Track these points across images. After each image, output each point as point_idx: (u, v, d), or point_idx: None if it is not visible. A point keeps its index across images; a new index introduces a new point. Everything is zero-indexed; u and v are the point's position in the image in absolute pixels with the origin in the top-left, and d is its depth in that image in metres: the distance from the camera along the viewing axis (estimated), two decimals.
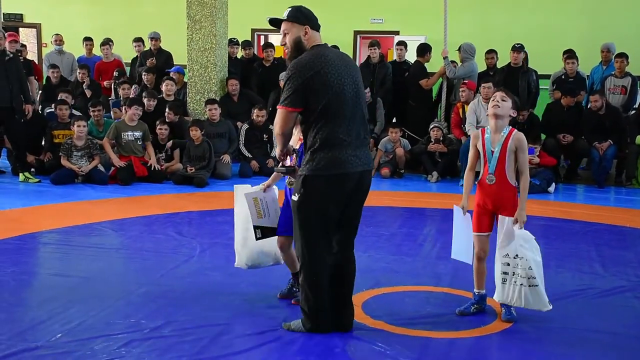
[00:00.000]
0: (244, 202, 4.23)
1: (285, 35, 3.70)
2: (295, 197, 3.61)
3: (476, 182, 4.13)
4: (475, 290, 4.19)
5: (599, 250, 5.77)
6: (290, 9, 3.70)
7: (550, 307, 3.96)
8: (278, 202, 4.27)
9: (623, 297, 4.57)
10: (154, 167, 8.71)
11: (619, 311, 4.30)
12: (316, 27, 3.75)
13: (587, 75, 10.34)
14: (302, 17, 3.67)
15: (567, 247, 5.90)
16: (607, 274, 5.10)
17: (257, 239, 4.23)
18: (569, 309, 4.29)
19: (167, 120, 9.34)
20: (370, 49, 10.78)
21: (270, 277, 4.68)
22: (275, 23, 3.77)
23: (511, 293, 3.96)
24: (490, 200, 4.04)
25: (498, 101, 4.02)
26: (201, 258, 5.30)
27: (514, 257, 3.93)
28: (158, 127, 9.00)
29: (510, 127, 4.05)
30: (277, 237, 4.18)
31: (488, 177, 4.04)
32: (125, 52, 12.06)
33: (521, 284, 3.93)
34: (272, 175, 4.28)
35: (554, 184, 8.57)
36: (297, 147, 3.90)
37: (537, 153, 8.56)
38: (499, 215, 4.02)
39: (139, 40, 11.71)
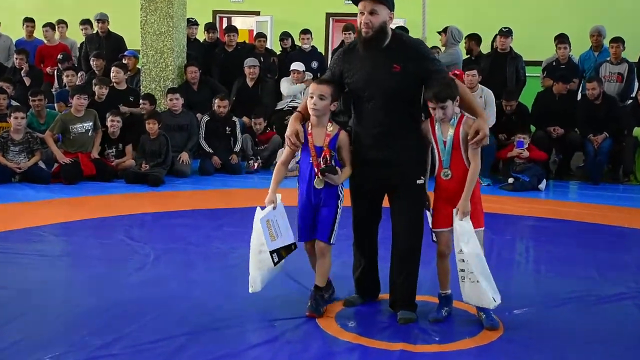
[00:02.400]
0: (257, 227, 4.18)
1: (372, 14, 3.92)
2: (421, 181, 4.06)
3: (433, 176, 4.12)
4: (440, 291, 4.21)
5: (594, 254, 5.79)
6: None
7: (497, 303, 3.97)
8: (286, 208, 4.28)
9: (621, 306, 4.58)
10: (94, 156, 8.59)
11: (616, 321, 4.31)
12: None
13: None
14: (392, 2, 3.99)
15: (559, 250, 5.92)
16: (603, 279, 5.11)
17: (275, 263, 4.21)
18: (562, 319, 4.29)
19: (142, 112, 9.25)
20: (345, 34, 10.76)
21: (233, 287, 4.62)
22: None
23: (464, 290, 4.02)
24: (450, 196, 4.02)
25: None
26: (155, 265, 5.22)
27: (459, 252, 3.95)
28: (109, 119, 8.87)
29: (461, 113, 4.04)
30: (303, 243, 4.27)
31: (443, 173, 4.03)
32: (79, 36, 11.90)
33: (467, 279, 3.97)
34: (274, 177, 4.26)
35: (544, 180, 8.62)
36: (327, 144, 4.08)
37: (526, 146, 8.59)
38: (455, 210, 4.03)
39: (85, 22, 11.55)
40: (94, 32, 11.30)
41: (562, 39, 10.02)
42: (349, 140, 4.14)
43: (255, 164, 9.23)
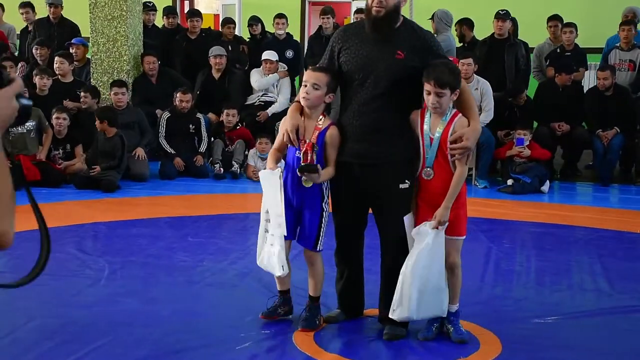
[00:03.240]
0: (271, 187, 4.15)
1: None
2: (406, 185, 4.06)
3: (415, 176, 4.15)
4: None
5: (603, 263, 5.88)
6: None
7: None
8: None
9: (633, 320, 4.66)
10: (39, 157, 8.57)
11: (628, 336, 4.39)
12: None
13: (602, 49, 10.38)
14: None
15: (565, 258, 6.01)
16: (614, 291, 5.19)
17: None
18: (568, 334, 4.36)
19: (83, 106, 9.21)
20: (323, 18, 10.83)
21: (199, 304, 4.65)
22: None
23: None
24: (431, 198, 4.07)
25: None
26: (111, 281, 5.23)
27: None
28: (55, 116, 8.85)
29: (455, 110, 4.09)
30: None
31: (425, 172, 4.06)
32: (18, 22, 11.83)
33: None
34: (270, 157, 4.29)
35: (548, 181, 8.70)
36: (314, 138, 4.10)
37: (527, 144, 8.65)
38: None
39: (26, 5, 11.48)
40: (45, 17, 11.21)
41: (568, 23, 10.07)
42: (339, 137, 4.17)
43: (222, 169, 9.17)
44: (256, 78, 10.32)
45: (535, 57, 10.41)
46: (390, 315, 4.08)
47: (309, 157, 4.12)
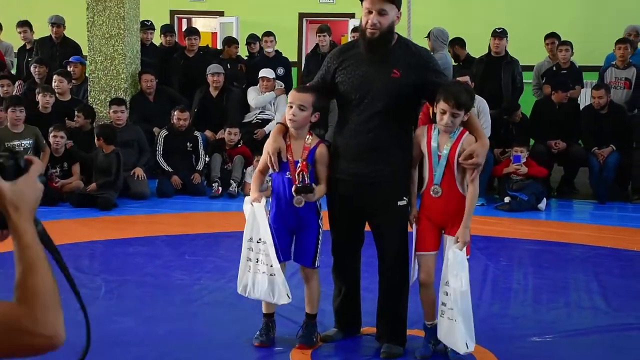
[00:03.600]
0: (259, 217, 4.16)
1: (381, 14, 3.97)
2: (404, 202, 4.10)
3: (420, 193, 4.17)
4: (425, 321, 4.23)
5: (600, 280, 5.88)
6: None
7: (468, 350, 3.95)
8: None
9: (630, 338, 4.67)
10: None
11: (625, 354, 4.38)
12: None
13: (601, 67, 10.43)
14: (399, 1, 4.04)
15: (562, 276, 6.01)
16: (611, 309, 5.19)
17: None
18: (565, 353, 4.36)
19: (76, 125, 9.20)
20: (319, 36, 10.85)
21: (196, 324, 4.63)
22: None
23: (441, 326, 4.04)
24: (437, 216, 4.09)
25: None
26: (107, 300, 5.23)
27: (445, 284, 3.98)
28: (52, 134, 8.84)
29: (462, 127, 4.09)
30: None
31: (433, 189, 4.07)
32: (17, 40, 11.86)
33: (446, 316, 3.98)
34: (254, 183, 4.30)
35: (545, 199, 8.71)
36: (304, 157, 4.12)
37: (524, 161, 8.67)
38: (447, 236, 4.07)
39: (24, 24, 11.52)
40: (47, 36, 11.25)
41: (564, 41, 10.12)
42: (328, 155, 4.19)
43: (220, 188, 9.15)
44: (253, 96, 10.32)
45: (535, 75, 10.47)
46: (464, 353, 4.00)
47: (304, 178, 4.11)
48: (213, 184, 9.18)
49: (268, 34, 11.09)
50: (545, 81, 10.13)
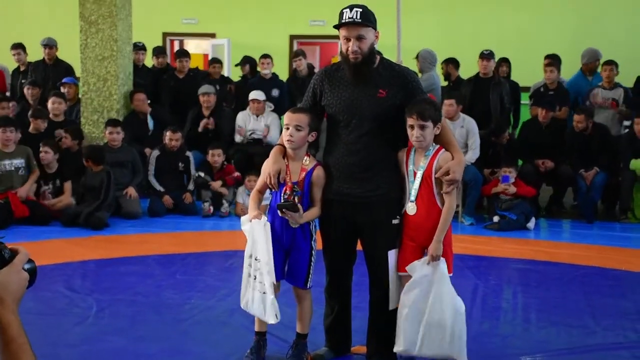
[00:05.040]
0: (256, 235, 4.15)
1: (360, 40, 4.00)
2: (397, 221, 4.10)
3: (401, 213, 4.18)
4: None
5: (589, 299, 5.89)
6: (361, 10, 3.99)
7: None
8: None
9: (619, 357, 4.66)
10: (20, 195, 8.49)
11: None
12: None
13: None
14: (375, 21, 4.08)
15: (550, 295, 6.00)
16: (599, 328, 5.19)
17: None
18: None
19: (63, 146, 9.18)
20: (295, 60, 10.94)
21: (186, 342, 4.61)
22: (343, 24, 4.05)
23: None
24: (418, 234, 4.09)
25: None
26: (99, 319, 5.19)
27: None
28: (41, 149, 8.81)
29: (438, 145, 4.11)
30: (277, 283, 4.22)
31: (408, 207, 4.10)
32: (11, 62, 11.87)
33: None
34: (251, 201, 4.29)
35: (533, 218, 8.72)
36: (302, 179, 4.14)
37: (513, 181, 8.70)
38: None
39: (17, 47, 11.54)
40: (40, 59, 11.28)
41: (550, 62, 10.17)
42: (324, 177, 4.19)
43: (212, 208, 9.13)
44: (241, 119, 10.23)
45: (530, 96, 10.51)
46: (394, 349, 4.07)
47: (288, 196, 4.11)
48: (204, 204, 9.16)
49: (265, 56, 11.10)
50: (533, 102, 10.16)
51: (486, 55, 9.82)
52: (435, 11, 13.34)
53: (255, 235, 4.11)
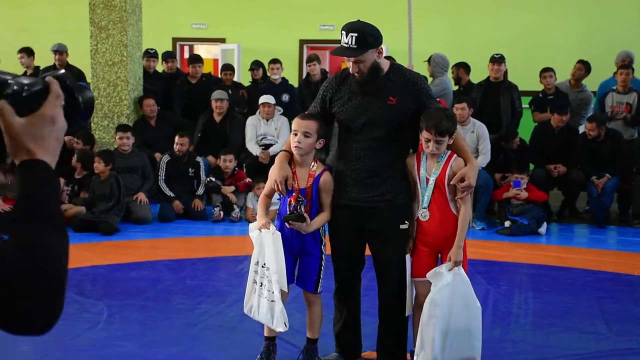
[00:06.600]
0: (265, 244, 4.16)
1: (358, 62, 3.97)
2: (406, 226, 4.09)
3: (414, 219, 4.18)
4: (414, 348, 4.18)
5: (601, 305, 5.86)
6: (356, 35, 3.91)
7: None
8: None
9: None
10: None
11: None
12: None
13: (594, 92, 10.48)
14: (373, 40, 3.97)
15: (562, 300, 5.98)
16: (612, 333, 5.17)
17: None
18: None
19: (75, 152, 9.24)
20: (309, 65, 10.92)
21: (196, 347, 4.61)
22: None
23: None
24: (432, 240, 4.09)
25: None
26: (109, 325, 5.20)
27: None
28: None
29: (450, 151, 4.11)
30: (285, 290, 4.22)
31: (421, 213, 4.10)
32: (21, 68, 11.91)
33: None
34: (260, 206, 4.31)
35: (545, 223, 8.69)
36: (310, 185, 4.13)
37: (524, 186, 8.67)
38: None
39: (22, 50, 11.56)
40: (51, 64, 11.31)
41: (546, 68, 10.20)
42: (332, 182, 4.19)
43: (222, 213, 9.13)
44: (251, 124, 10.21)
45: (530, 103, 10.50)
46: None
47: (294, 208, 4.12)
48: (214, 208, 9.16)
49: (274, 61, 11.10)
50: (534, 108, 10.20)
51: (497, 59, 9.81)
52: (445, 15, 13.31)
53: (264, 243, 4.11)
